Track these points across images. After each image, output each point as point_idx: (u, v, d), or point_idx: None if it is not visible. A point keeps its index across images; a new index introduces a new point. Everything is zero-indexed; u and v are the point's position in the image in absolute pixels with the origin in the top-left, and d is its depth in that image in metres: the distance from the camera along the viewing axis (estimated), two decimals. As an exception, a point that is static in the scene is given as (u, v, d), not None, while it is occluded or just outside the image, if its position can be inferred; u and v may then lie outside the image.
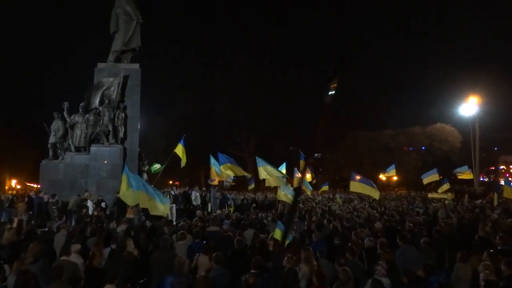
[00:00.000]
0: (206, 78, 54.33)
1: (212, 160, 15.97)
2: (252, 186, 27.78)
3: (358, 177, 16.67)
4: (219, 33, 73.83)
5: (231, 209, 19.58)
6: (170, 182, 50.61)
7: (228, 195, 24.22)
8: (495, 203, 15.37)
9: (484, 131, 37.77)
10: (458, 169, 24.67)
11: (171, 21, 67.81)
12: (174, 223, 12.01)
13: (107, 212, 14.58)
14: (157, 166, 20.19)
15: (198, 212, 13.28)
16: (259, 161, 15.33)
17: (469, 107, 35.18)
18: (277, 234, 7.71)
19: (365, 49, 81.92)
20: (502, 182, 25.07)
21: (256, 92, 49.93)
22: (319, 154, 72.35)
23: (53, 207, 14.14)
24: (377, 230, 10.25)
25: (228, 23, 77.06)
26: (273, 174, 14.94)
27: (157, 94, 48.79)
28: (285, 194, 16.55)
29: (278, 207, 18.27)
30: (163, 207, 11.17)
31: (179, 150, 15.78)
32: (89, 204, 14.13)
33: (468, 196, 23.95)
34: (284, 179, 15.69)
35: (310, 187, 18.53)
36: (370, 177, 39.85)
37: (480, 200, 22.11)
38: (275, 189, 26.06)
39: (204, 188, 25.84)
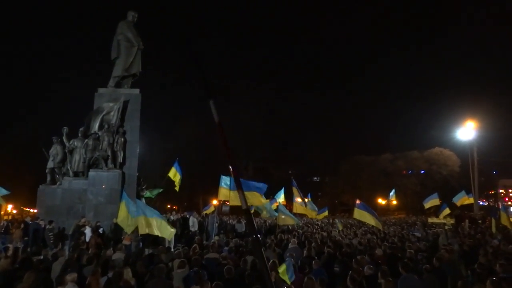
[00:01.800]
0: (205, 104, 55.05)
1: (224, 181, 15.77)
2: (252, 210, 27.54)
3: (359, 203, 16.73)
4: (219, 59, 75.20)
5: (231, 235, 19.36)
6: (168, 206, 50.25)
7: (230, 222, 23.98)
8: (493, 229, 15.24)
9: (483, 156, 37.82)
10: (456, 197, 24.63)
11: (171, 47, 69.16)
12: (172, 249, 11.87)
13: (104, 239, 14.38)
14: (156, 191, 20.10)
15: (197, 239, 13.12)
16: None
17: (467, 131, 35.35)
18: (282, 270, 7.45)
19: (364, 75, 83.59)
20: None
21: (255, 117, 50.35)
22: (318, 178, 72.08)
23: (50, 234, 13.95)
24: (378, 257, 10.13)
25: (228, 49, 78.71)
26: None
27: (157, 120, 49.34)
28: (285, 218, 16.44)
29: (278, 232, 18.08)
30: (169, 229, 11.07)
31: (172, 173, 15.77)
32: (87, 230, 13.95)
33: (468, 221, 23.74)
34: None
35: (315, 208, 18.38)
36: (369, 201, 39.70)
37: (479, 226, 21.88)
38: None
39: (203, 214, 25.63)
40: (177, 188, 16.43)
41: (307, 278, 6.63)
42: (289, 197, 24.10)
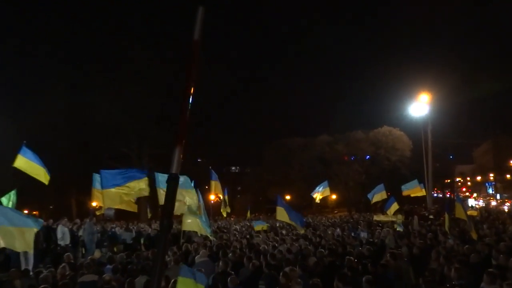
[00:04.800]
0: (79, 71, 52.05)
1: (96, 179, 15.39)
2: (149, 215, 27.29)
3: (280, 200, 17.40)
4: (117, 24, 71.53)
5: (116, 248, 18.99)
6: (26, 211, 47.48)
7: (116, 230, 23.42)
8: (446, 226, 16.77)
9: (438, 136, 40.95)
10: (405, 186, 26.39)
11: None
12: (32, 273, 11.30)
13: None
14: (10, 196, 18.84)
15: (67, 256, 12.66)
16: (159, 180, 15.06)
17: (420, 106, 37.73)
18: (182, 283, 7.45)
19: (300, 49, 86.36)
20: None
21: (151, 93, 49.03)
22: (237, 168, 73.04)
23: None
24: (312, 268, 10.62)
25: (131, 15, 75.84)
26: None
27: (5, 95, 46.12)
28: (194, 223, 16.44)
29: (182, 242, 18.08)
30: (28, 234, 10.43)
31: (21, 163, 14.90)
32: None
33: (419, 218, 25.69)
34: (192, 203, 15.70)
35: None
36: (303, 197, 40.97)
37: (432, 224, 23.84)
38: (177, 217, 25.84)
39: (77, 220, 24.71)
40: (45, 182, 15.66)
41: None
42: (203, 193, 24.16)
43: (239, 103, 67.09)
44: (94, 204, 27.40)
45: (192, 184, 19.39)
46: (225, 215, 25.26)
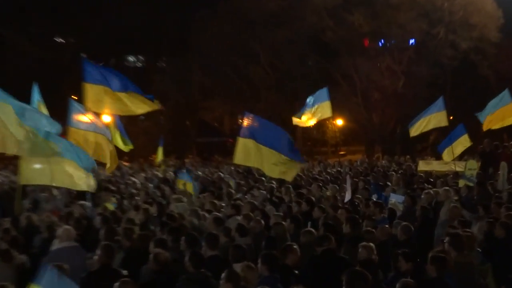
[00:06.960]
0: None
1: None
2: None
3: (254, 124, 16.99)
4: None
5: None
6: None
7: None
8: None
9: None
10: (488, 109, 26.23)
11: None
12: None
13: None
14: None
15: None
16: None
17: None
18: None
19: None
20: None
21: None
22: (139, 59, 72.57)
23: None
24: (293, 262, 10.67)
25: None
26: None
27: None
28: (50, 170, 16.21)
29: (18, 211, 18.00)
30: None
31: None
32: None
33: (511, 168, 25.61)
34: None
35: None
36: (280, 122, 41.52)
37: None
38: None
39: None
40: None
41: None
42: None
43: None
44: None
45: (35, 90, 19.14)
46: (126, 150, 25.70)
